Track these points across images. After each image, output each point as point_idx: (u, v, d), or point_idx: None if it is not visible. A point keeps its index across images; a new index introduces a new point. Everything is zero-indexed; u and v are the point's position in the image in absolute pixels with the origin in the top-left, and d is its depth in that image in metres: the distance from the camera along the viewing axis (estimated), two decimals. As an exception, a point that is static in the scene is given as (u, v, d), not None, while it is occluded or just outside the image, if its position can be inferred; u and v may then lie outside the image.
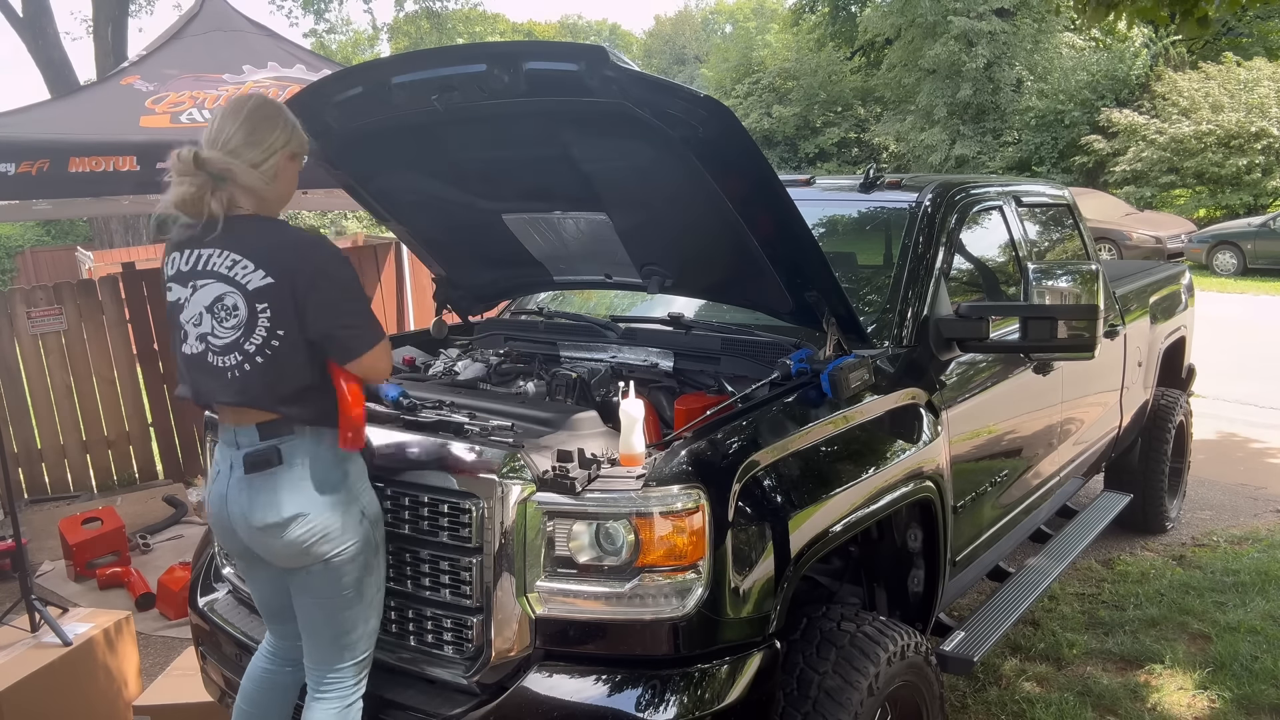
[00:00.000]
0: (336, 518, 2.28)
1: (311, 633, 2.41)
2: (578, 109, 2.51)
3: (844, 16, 32.58)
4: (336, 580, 2.31)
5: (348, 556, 2.31)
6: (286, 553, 2.29)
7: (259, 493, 2.27)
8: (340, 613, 2.35)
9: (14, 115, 4.91)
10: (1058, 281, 3.14)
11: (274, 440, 2.27)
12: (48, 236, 25.43)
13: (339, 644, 2.38)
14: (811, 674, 2.39)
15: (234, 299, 2.23)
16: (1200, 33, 5.31)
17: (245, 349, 2.23)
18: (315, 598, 2.35)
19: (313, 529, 2.26)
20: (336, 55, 38.87)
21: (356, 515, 2.33)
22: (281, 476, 2.26)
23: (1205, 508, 5.94)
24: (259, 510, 2.26)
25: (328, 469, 2.30)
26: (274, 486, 2.26)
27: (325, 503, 2.28)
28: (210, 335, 2.27)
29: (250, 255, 2.23)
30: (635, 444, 2.28)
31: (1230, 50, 22.89)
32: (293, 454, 2.27)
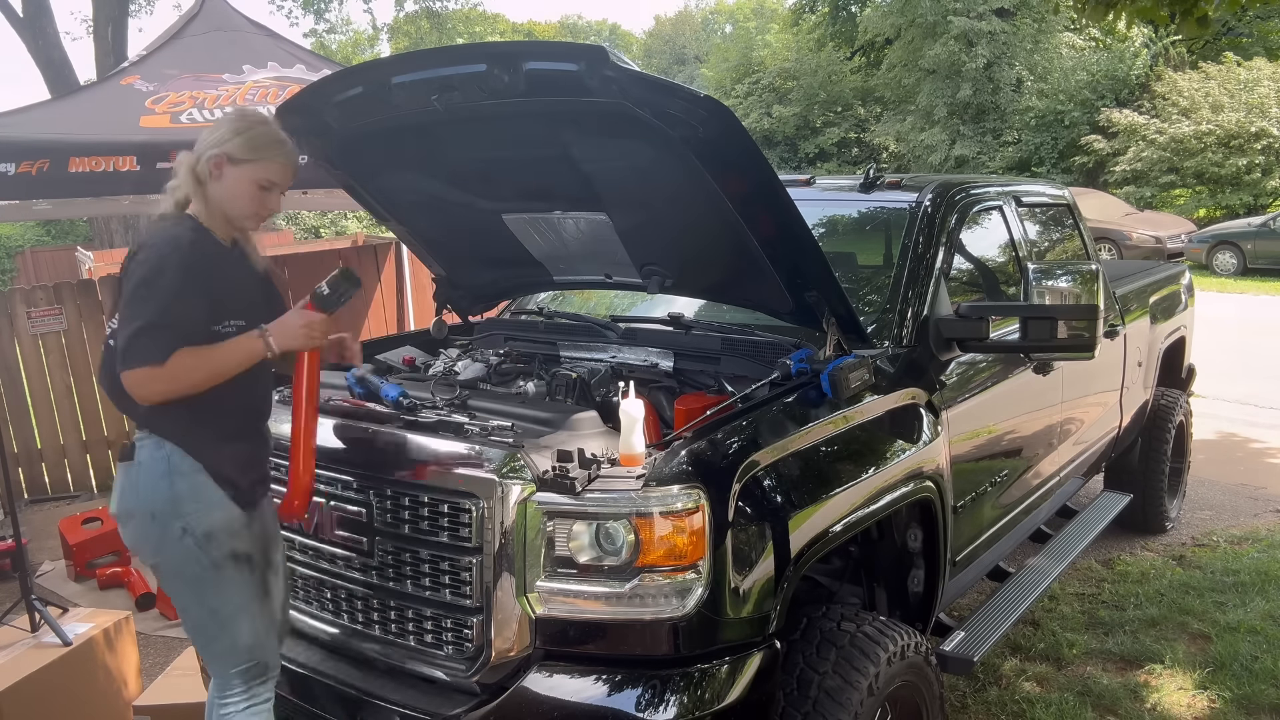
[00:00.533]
0: (154, 529, 2.29)
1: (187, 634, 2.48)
2: (578, 109, 2.51)
3: (844, 16, 32.58)
4: (172, 588, 2.37)
5: (169, 570, 2.35)
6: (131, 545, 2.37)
7: (118, 481, 2.36)
8: (193, 620, 2.39)
9: (14, 115, 4.91)
10: (1058, 281, 3.14)
11: (139, 435, 2.31)
12: (48, 236, 25.42)
13: (207, 651, 2.43)
14: (811, 674, 2.39)
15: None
16: (1200, 32, 5.32)
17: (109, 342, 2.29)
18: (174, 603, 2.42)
19: (135, 531, 2.32)
20: (336, 55, 38.86)
21: (176, 532, 2.26)
22: (128, 472, 2.32)
23: (1205, 508, 5.94)
24: (114, 498, 2.35)
25: (155, 479, 2.27)
26: (122, 480, 2.34)
27: (145, 511, 2.29)
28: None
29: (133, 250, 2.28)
30: (635, 444, 2.28)
31: (1230, 50, 22.88)
32: (140, 453, 2.30)
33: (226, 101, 5.14)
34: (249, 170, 2.31)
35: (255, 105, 5.14)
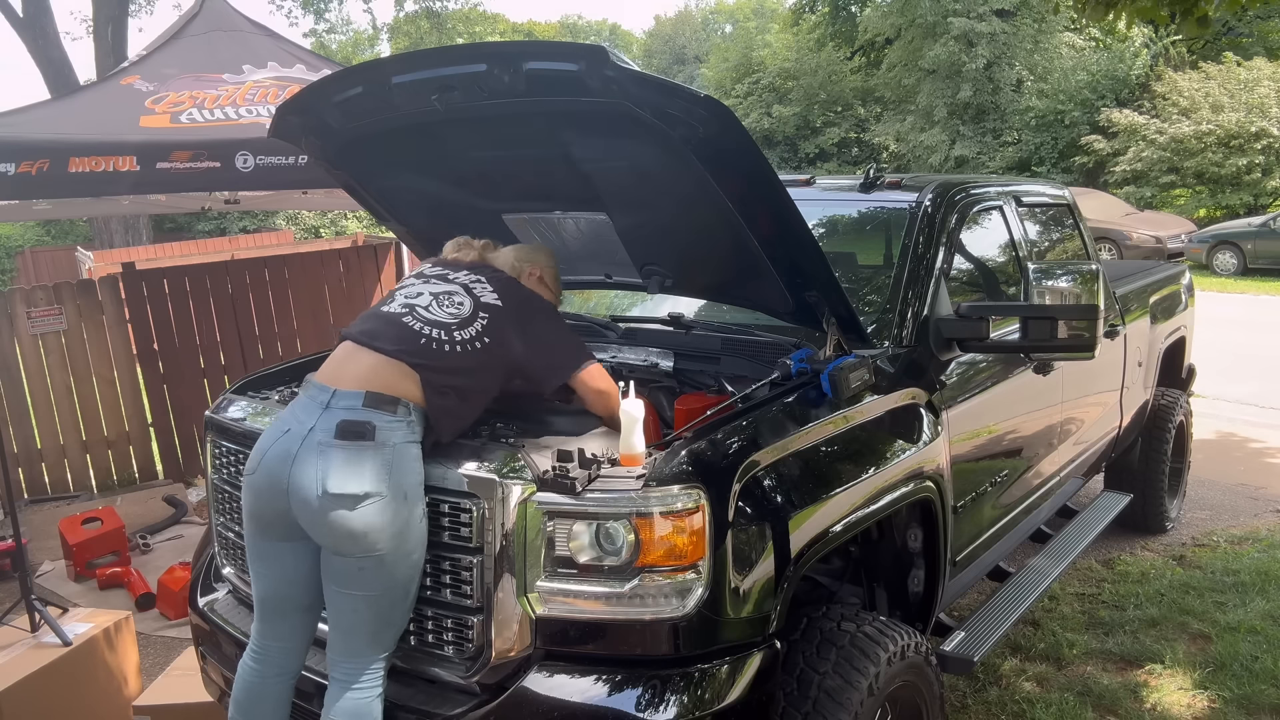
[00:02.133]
0: (404, 512, 2.25)
1: (347, 626, 2.34)
2: (578, 109, 2.51)
3: (844, 16, 32.60)
4: (386, 576, 2.26)
5: (404, 552, 2.27)
6: (343, 531, 2.22)
7: (343, 461, 2.22)
8: (383, 609, 2.31)
9: (14, 115, 4.91)
10: (1058, 281, 3.13)
11: (371, 413, 2.27)
12: (48, 236, 25.44)
13: (376, 639, 2.34)
14: (812, 674, 2.39)
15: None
16: (1200, 32, 5.32)
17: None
18: (360, 590, 2.28)
19: (382, 515, 2.22)
20: (336, 55, 38.87)
21: (419, 516, 2.30)
22: (370, 452, 2.24)
23: (1205, 508, 5.94)
24: (338, 477, 2.21)
25: (412, 462, 2.29)
26: (360, 459, 2.23)
27: (401, 494, 2.25)
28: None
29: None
30: (635, 444, 2.28)
31: (1230, 50, 22.88)
32: (387, 435, 2.26)
33: (226, 101, 5.13)
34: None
35: (255, 105, 5.14)
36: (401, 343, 2.40)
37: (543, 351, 2.56)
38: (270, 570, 2.45)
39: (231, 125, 4.94)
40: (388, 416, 2.28)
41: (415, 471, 2.30)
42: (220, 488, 2.93)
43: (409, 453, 2.29)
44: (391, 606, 2.32)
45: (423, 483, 2.32)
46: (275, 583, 2.46)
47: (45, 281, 9.71)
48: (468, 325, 2.47)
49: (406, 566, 2.29)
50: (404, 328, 2.44)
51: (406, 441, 2.29)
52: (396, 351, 2.37)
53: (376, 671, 2.36)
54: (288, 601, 2.46)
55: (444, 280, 2.60)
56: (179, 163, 4.64)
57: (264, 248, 16.70)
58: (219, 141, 4.75)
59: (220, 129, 4.89)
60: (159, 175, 4.63)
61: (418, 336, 2.42)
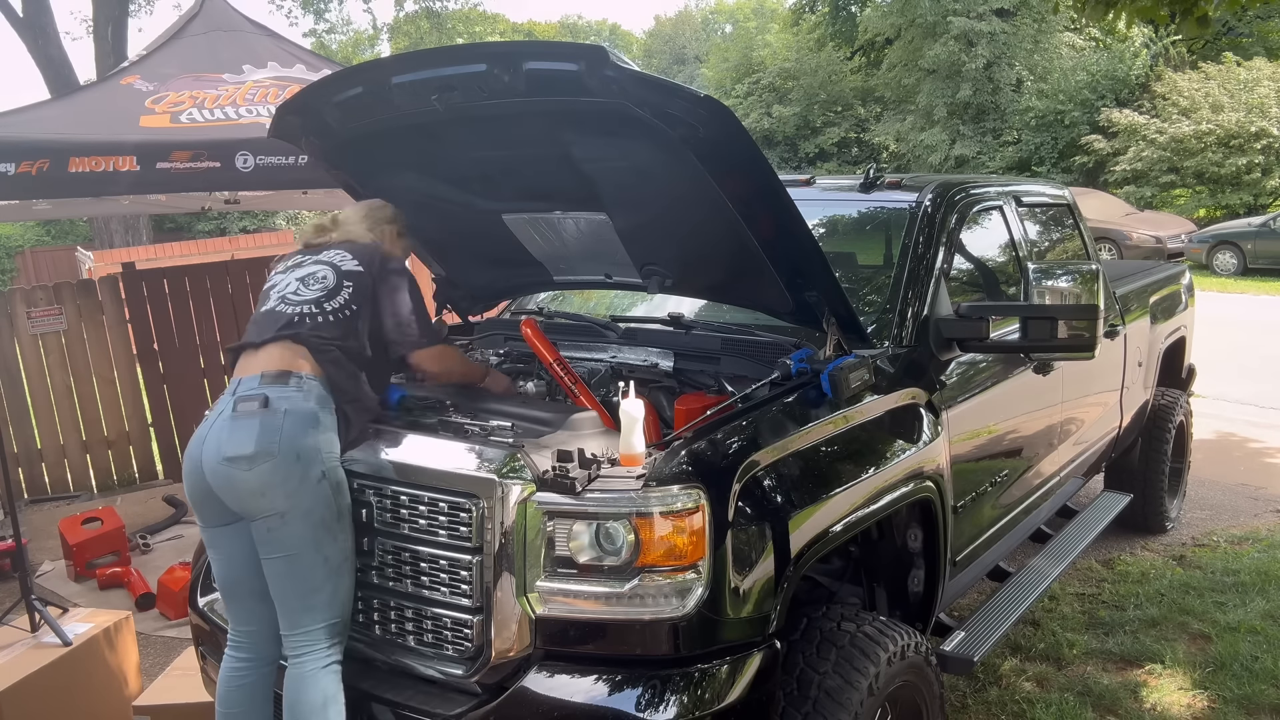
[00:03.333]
0: (297, 470, 2.40)
1: (278, 594, 2.50)
2: (578, 109, 2.51)
3: (844, 16, 32.59)
4: (293, 534, 2.41)
5: (300, 510, 2.41)
6: (243, 491, 2.42)
7: (237, 430, 2.44)
8: (303, 571, 2.44)
9: (14, 115, 4.91)
10: (1058, 281, 3.14)
11: (267, 387, 2.48)
12: (48, 236, 25.44)
13: (305, 604, 2.45)
14: (811, 674, 2.39)
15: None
16: (1200, 32, 5.31)
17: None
18: (278, 552, 2.45)
19: (275, 471, 2.39)
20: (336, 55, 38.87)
21: (317, 474, 2.43)
22: (261, 417, 2.44)
23: (1205, 508, 5.94)
24: (232, 444, 2.42)
25: (301, 423, 2.45)
26: (251, 425, 2.43)
27: (290, 452, 2.41)
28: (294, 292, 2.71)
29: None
30: (635, 444, 2.28)
31: (1230, 50, 22.88)
32: (278, 402, 2.46)
33: (226, 101, 5.13)
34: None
35: (255, 105, 5.14)
36: (281, 327, 2.61)
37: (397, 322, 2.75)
38: (220, 555, 2.64)
39: (231, 125, 4.94)
40: (280, 388, 2.49)
41: (308, 434, 2.44)
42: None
43: (301, 415, 2.45)
44: (311, 568, 2.43)
45: (325, 447, 2.46)
46: (226, 567, 2.64)
47: (45, 281, 9.72)
48: (335, 295, 2.68)
49: (310, 525, 2.42)
50: (279, 315, 2.66)
51: (300, 407, 2.47)
52: (277, 333, 2.60)
53: (315, 642, 2.46)
54: (241, 584, 2.63)
55: (308, 263, 2.79)
56: (179, 163, 4.63)
57: (264, 248, 16.71)
58: (219, 141, 4.75)
59: (220, 129, 4.89)
60: (159, 175, 4.63)
61: (292, 317, 2.64)
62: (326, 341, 2.59)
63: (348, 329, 2.64)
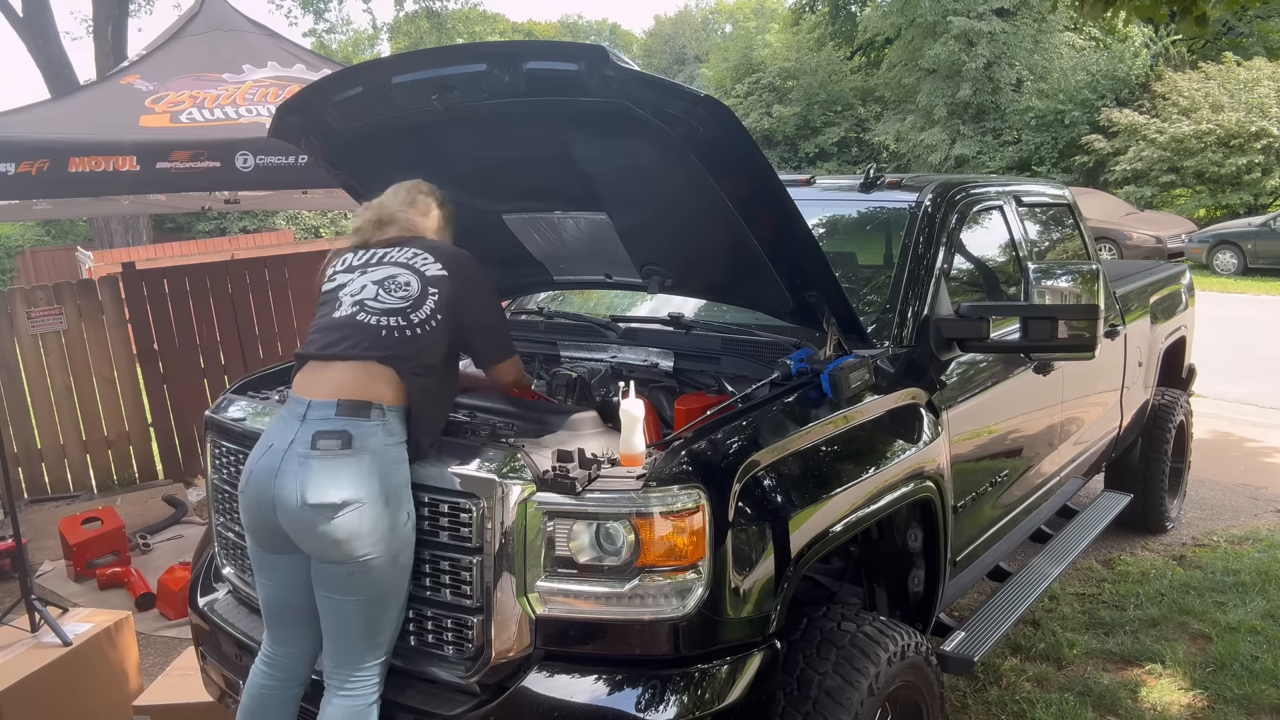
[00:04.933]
0: (387, 516, 2.26)
1: (339, 632, 2.36)
2: (578, 109, 2.50)
3: (844, 16, 32.59)
4: (376, 581, 2.28)
5: (389, 557, 2.27)
6: (327, 539, 2.24)
7: (320, 472, 2.24)
8: (374, 613, 2.32)
9: (14, 115, 4.91)
10: (1058, 281, 3.13)
11: (347, 421, 2.28)
12: (48, 236, 25.44)
13: (370, 643, 2.35)
14: (812, 674, 2.39)
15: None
16: (1199, 31, 5.31)
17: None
18: (351, 595, 2.30)
19: (363, 521, 2.23)
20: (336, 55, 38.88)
21: (404, 518, 2.30)
22: (347, 460, 2.25)
23: (1205, 508, 5.94)
24: (316, 487, 2.23)
25: (393, 465, 2.30)
26: (337, 468, 2.24)
27: (382, 499, 2.26)
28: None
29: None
30: (636, 444, 2.28)
31: (1230, 50, 22.87)
32: (364, 441, 2.27)
33: (226, 101, 5.13)
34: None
35: (255, 105, 5.14)
36: (364, 342, 2.39)
37: (485, 329, 2.60)
38: (271, 580, 2.49)
39: (231, 125, 4.94)
40: (362, 422, 2.29)
41: (396, 474, 2.30)
42: (220, 488, 2.93)
43: (388, 456, 2.30)
44: (382, 611, 2.32)
45: (406, 484, 2.32)
46: (277, 591, 2.49)
47: (45, 281, 9.71)
48: (421, 304, 2.44)
49: (394, 570, 2.29)
50: (361, 326, 2.42)
51: (384, 445, 2.30)
52: (362, 353, 2.37)
53: (371, 677, 2.37)
54: (290, 609, 2.49)
55: (382, 264, 2.54)
56: (179, 162, 4.63)
57: (264, 248, 16.71)
58: (219, 141, 4.75)
59: (220, 129, 4.89)
60: (159, 175, 4.63)
61: (378, 330, 2.40)
62: (415, 361, 2.38)
63: (433, 343, 2.42)
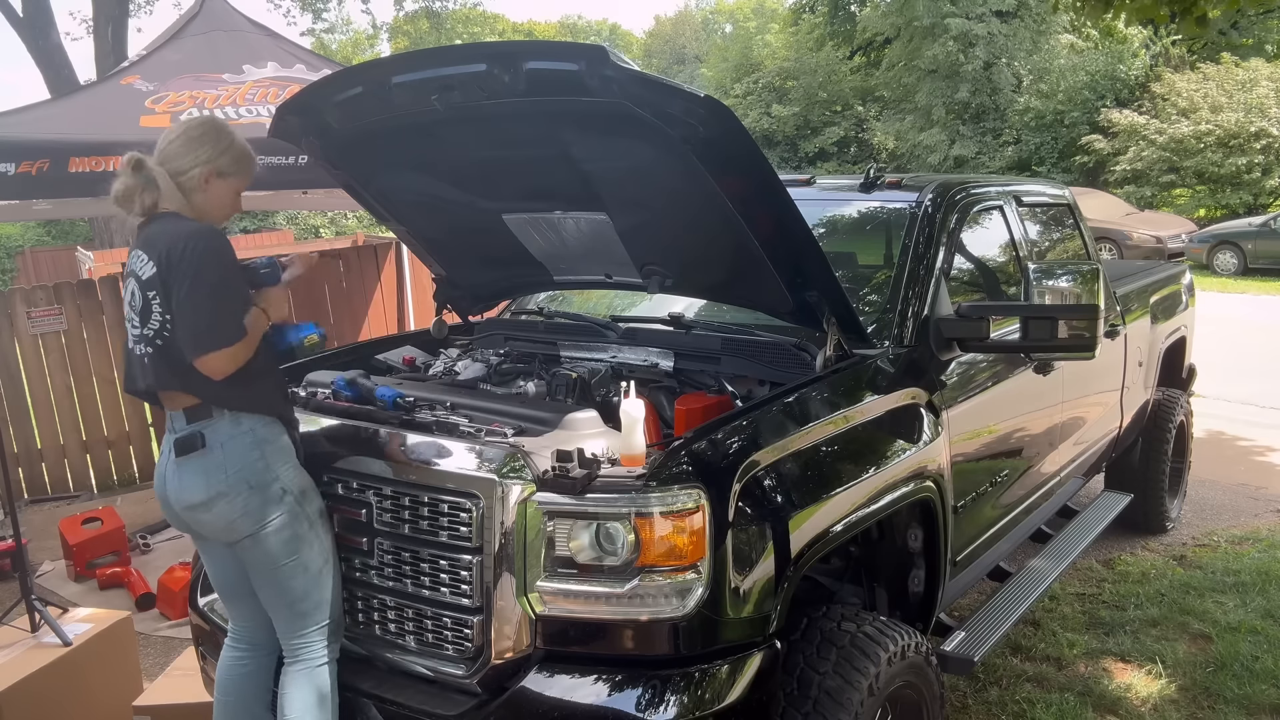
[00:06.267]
0: (256, 496, 2.41)
1: (268, 603, 2.56)
2: (578, 109, 2.51)
3: (843, 16, 32.59)
4: (270, 552, 2.44)
5: (274, 529, 2.43)
6: (215, 528, 2.47)
7: (185, 475, 2.44)
8: (286, 582, 2.47)
9: (14, 115, 4.91)
10: (1058, 281, 3.13)
11: (197, 425, 2.43)
12: (48, 236, 25.42)
13: (294, 611, 2.50)
14: (812, 674, 2.38)
15: (134, 289, 2.45)
16: (1199, 32, 5.31)
17: (147, 335, 2.42)
18: (259, 569, 2.49)
19: (233, 507, 2.41)
20: (336, 55, 38.88)
21: (277, 492, 2.44)
22: (203, 460, 2.42)
23: (1205, 508, 5.94)
24: (185, 492, 2.45)
25: (245, 451, 2.43)
26: (196, 469, 2.42)
27: (244, 483, 2.41)
28: (130, 327, 2.49)
29: (146, 248, 2.43)
30: (636, 444, 2.28)
31: (1229, 51, 22.88)
32: (214, 437, 2.42)
33: (226, 101, 5.13)
34: (234, 183, 2.60)
35: (255, 105, 5.13)
36: (146, 379, 2.46)
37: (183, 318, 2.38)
38: (212, 562, 2.71)
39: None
40: (207, 421, 2.43)
41: (254, 460, 2.42)
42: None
43: (239, 445, 2.42)
44: (292, 578, 2.46)
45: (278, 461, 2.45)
46: (216, 570, 2.71)
47: (45, 281, 9.71)
48: (148, 318, 2.40)
49: (282, 540, 2.44)
50: (137, 362, 2.48)
51: (233, 436, 2.42)
52: (151, 389, 2.49)
53: (314, 642, 2.51)
54: (235, 587, 2.68)
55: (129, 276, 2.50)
56: (179, 163, 4.62)
57: (264, 248, 16.69)
58: (219, 141, 4.74)
59: (220, 129, 4.88)
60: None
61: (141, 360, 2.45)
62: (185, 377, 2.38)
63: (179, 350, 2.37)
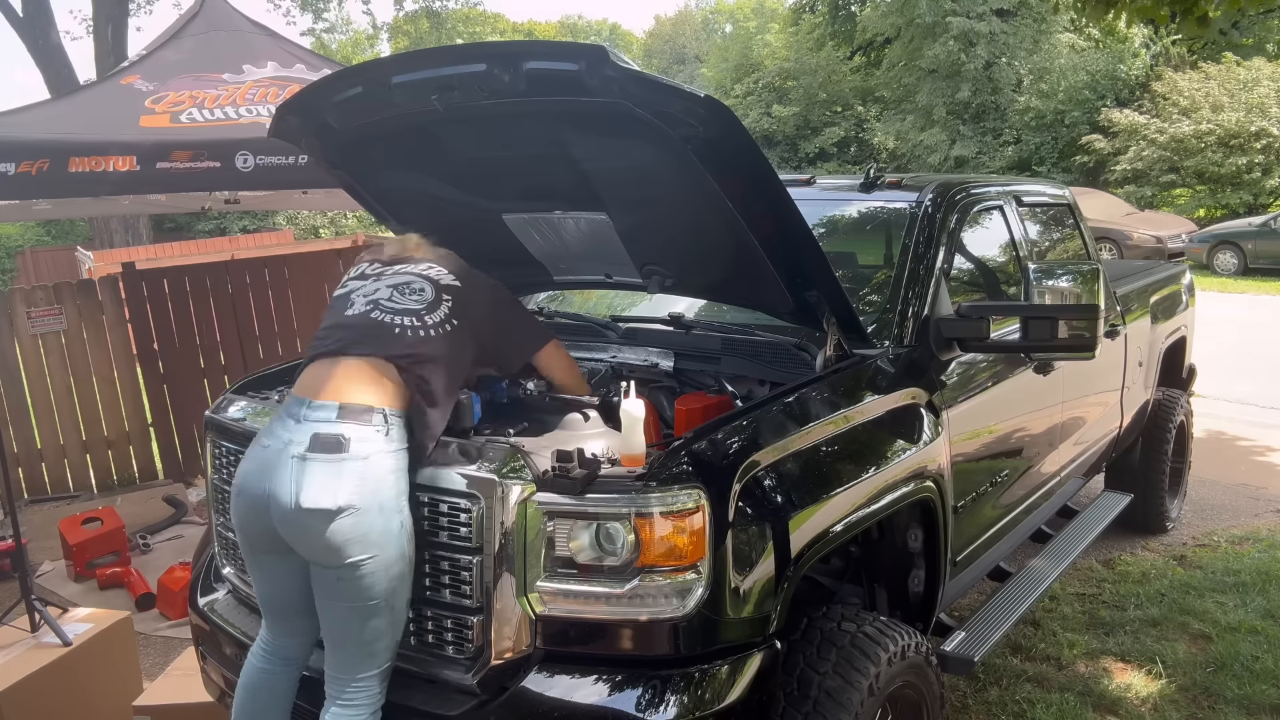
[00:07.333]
0: (381, 522, 2.23)
1: (337, 639, 2.34)
2: (578, 109, 2.50)
3: (843, 16, 32.59)
4: (366, 587, 2.24)
5: (381, 564, 2.24)
6: (321, 544, 2.21)
7: (315, 474, 2.21)
8: (368, 620, 2.28)
9: (14, 115, 4.91)
10: (1058, 281, 3.13)
11: (346, 424, 2.25)
12: (48, 236, 25.44)
13: (365, 650, 2.32)
14: (812, 674, 2.38)
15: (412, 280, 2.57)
16: (1200, 32, 5.31)
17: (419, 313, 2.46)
18: (343, 602, 2.28)
19: (358, 526, 2.20)
20: (336, 55, 38.89)
21: (398, 525, 2.27)
22: (344, 464, 2.22)
23: (1205, 508, 5.94)
24: (312, 491, 2.20)
25: (390, 473, 2.27)
26: (335, 472, 2.21)
27: (377, 504, 2.23)
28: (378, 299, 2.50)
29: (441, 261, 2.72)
30: (636, 444, 2.28)
31: (1229, 50, 22.88)
32: (361, 446, 2.25)
33: (226, 101, 5.13)
34: None
35: (255, 105, 5.13)
36: (374, 339, 2.39)
37: (509, 329, 2.66)
38: (265, 579, 2.49)
39: (231, 125, 4.94)
40: (362, 427, 2.26)
41: (392, 483, 2.27)
42: (220, 488, 2.93)
43: (385, 464, 2.26)
44: (375, 619, 2.29)
45: (403, 493, 2.30)
46: (272, 590, 2.49)
47: (45, 281, 9.71)
48: (435, 309, 2.47)
49: (387, 578, 2.26)
50: (374, 324, 2.42)
51: (382, 452, 2.27)
52: (372, 350, 2.37)
53: (369, 688, 2.35)
54: (287, 606, 2.49)
55: (397, 274, 2.59)
56: (179, 163, 4.63)
57: (264, 248, 16.70)
58: (219, 141, 4.75)
59: (220, 129, 4.89)
60: (159, 175, 4.63)
61: (390, 328, 2.41)
62: (423, 363, 2.36)
63: (444, 348, 2.42)
